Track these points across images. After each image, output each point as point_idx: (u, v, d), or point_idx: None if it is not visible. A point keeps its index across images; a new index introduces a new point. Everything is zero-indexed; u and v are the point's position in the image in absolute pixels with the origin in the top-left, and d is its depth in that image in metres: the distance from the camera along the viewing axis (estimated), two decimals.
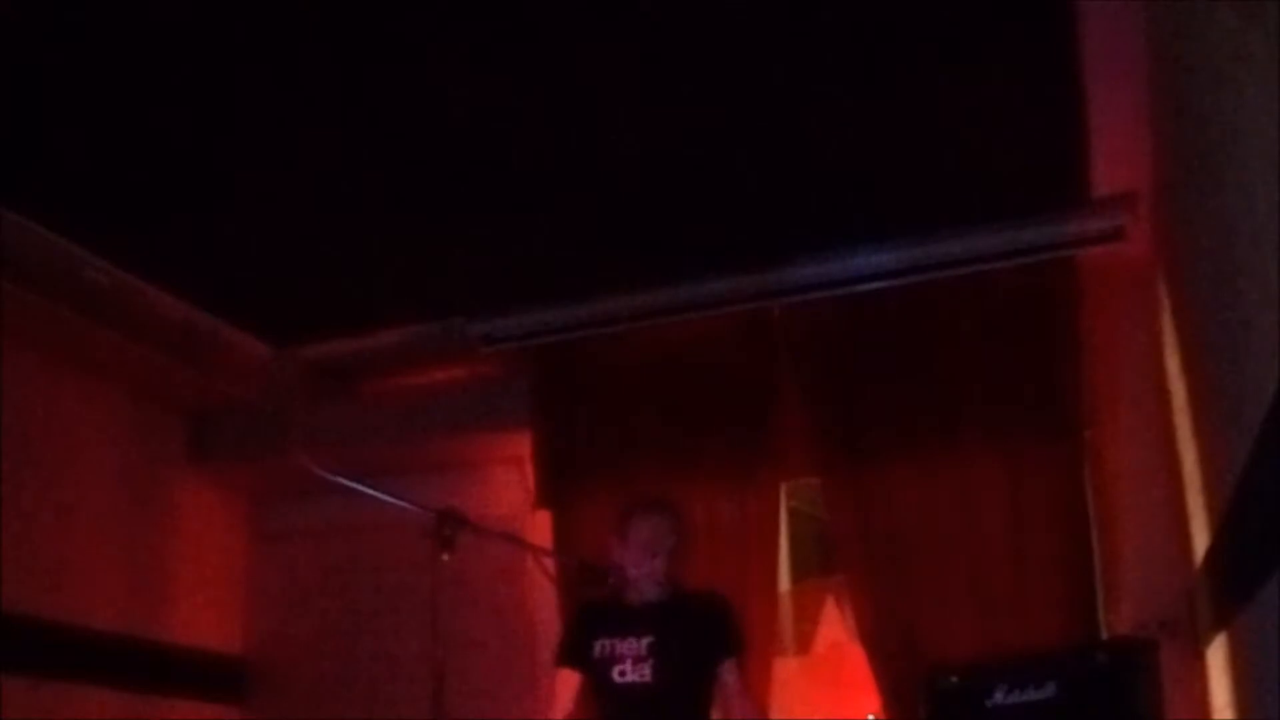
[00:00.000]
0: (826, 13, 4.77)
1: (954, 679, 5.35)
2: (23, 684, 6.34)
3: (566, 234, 6.30)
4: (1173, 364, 5.73)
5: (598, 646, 5.47)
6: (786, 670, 7.08)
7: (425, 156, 5.61)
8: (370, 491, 5.26)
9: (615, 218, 6.15)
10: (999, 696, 5.15)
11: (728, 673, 5.44)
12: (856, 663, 6.64)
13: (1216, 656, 5.13)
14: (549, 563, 6.65)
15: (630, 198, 5.98)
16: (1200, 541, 5.18)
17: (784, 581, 7.15)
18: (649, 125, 5.47)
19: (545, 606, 7.23)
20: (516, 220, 6.14)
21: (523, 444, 7.42)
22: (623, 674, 5.37)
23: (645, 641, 5.38)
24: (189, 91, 5.05)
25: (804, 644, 7.47)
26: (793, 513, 7.20)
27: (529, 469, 7.43)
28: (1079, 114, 5.39)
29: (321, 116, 5.30)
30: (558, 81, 5.16)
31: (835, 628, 7.40)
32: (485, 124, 5.40)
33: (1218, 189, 3.64)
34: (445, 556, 4.95)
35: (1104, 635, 6.16)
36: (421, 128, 5.42)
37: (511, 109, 5.31)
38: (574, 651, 5.60)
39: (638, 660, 5.36)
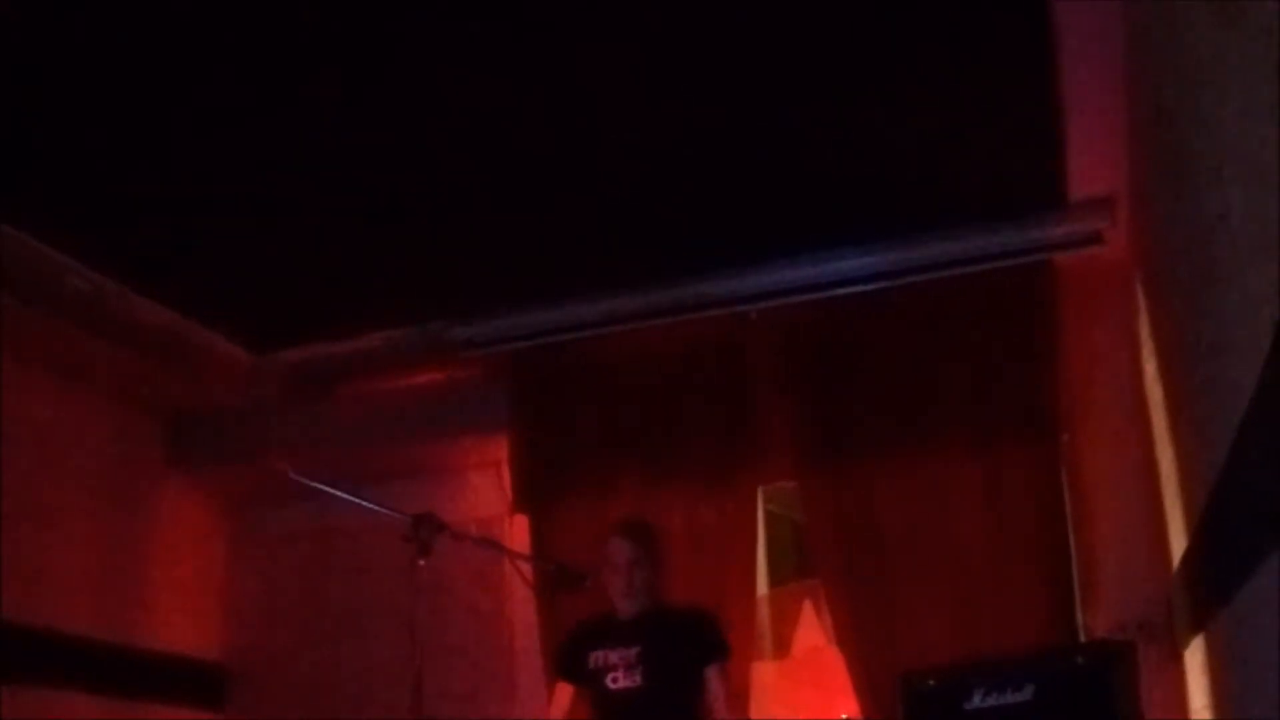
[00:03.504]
0: (802, 19, 4.79)
1: (931, 682, 5.35)
2: (0, 690, 6.32)
3: (545, 238, 6.30)
4: (1150, 367, 5.74)
5: (592, 658, 5.74)
6: (765, 674, 7.09)
7: (406, 162, 5.60)
8: (348, 496, 5.29)
9: (593, 223, 6.16)
10: (977, 699, 5.15)
11: (713, 679, 5.68)
12: (834, 666, 6.65)
13: (1195, 658, 5.14)
14: (526, 567, 6.66)
15: (608, 202, 5.99)
16: (1178, 544, 5.20)
17: (762, 585, 7.14)
18: (628, 131, 5.48)
19: (523, 611, 7.24)
20: (495, 224, 6.15)
21: (501, 448, 7.42)
22: (615, 680, 5.65)
23: (635, 650, 5.65)
24: (170, 97, 5.04)
25: (782, 647, 7.47)
26: (770, 516, 7.21)
27: (507, 473, 7.42)
28: (1056, 118, 5.41)
29: (302, 122, 5.29)
30: (541, 86, 5.16)
31: (813, 631, 7.40)
32: (465, 129, 5.40)
33: (1195, 193, 3.65)
34: (422, 561, 5.00)
35: (1082, 638, 6.18)
36: (402, 134, 5.41)
37: (491, 114, 5.31)
38: (569, 665, 5.91)
39: (629, 668, 5.64)
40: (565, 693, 5.88)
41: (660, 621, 5.76)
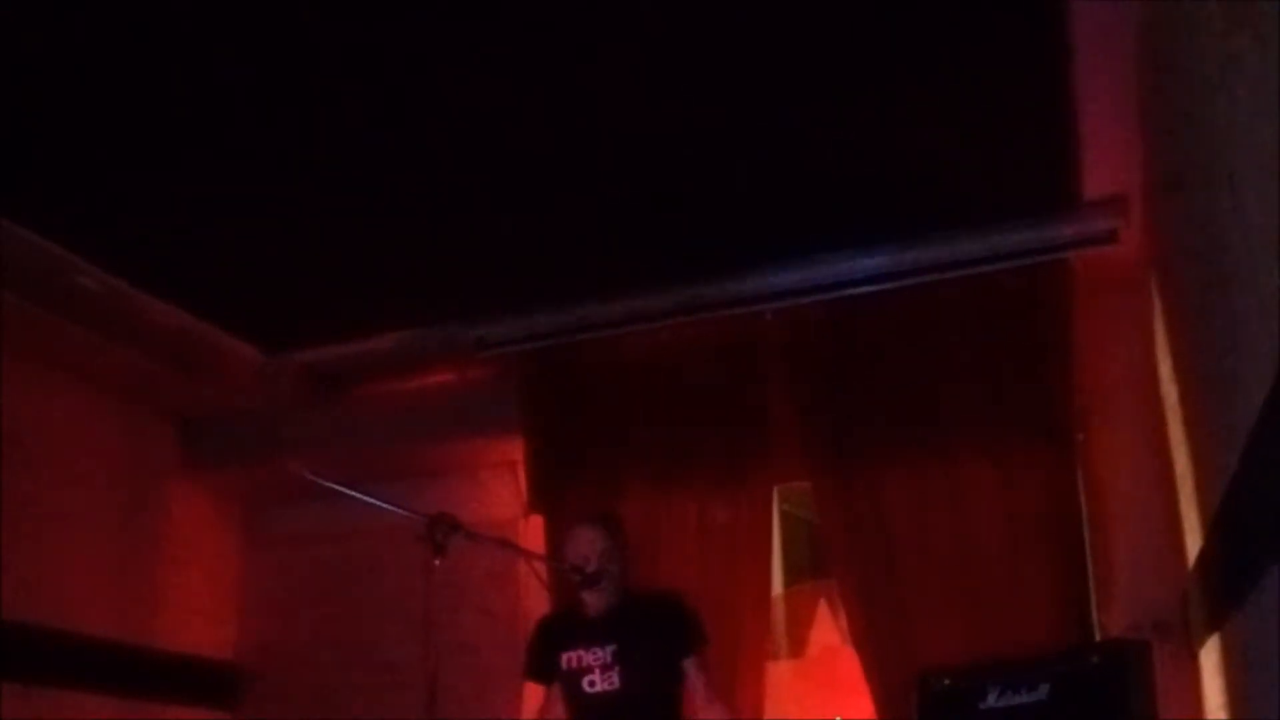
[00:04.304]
0: (816, 16, 4.77)
1: (947, 681, 5.36)
2: (16, 690, 6.33)
3: (559, 238, 6.29)
4: (1164, 366, 5.73)
5: (565, 659, 5.64)
6: (779, 674, 7.07)
7: (418, 161, 5.60)
8: (362, 497, 5.27)
9: (608, 222, 6.15)
10: (992, 699, 5.15)
11: (691, 671, 5.57)
12: (849, 666, 6.62)
13: (1210, 658, 5.13)
14: (541, 567, 6.64)
15: (623, 202, 5.97)
16: (1193, 543, 5.18)
17: (776, 585, 7.13)
18: (642, 130, 5.46)
19: (538, 611, 7.20)
20: (509, 225, 6.14)
21: (515, 449, 7.41)
22: (592, 684, 5.54)
23: (609, 649, 5.54)
24: (180, 96, 5.04)
25: (797, 648, 7.46)
26: (785, 516, 7.19)
27: (521, 473, 7.41)
28: (1070, 117, 5.39)
29: (313, 121, 5.29)
30: (554, 84, 5.15)
31: (828, 631, 7.39)
32: (477, 128, 5.39)
33: (1209, 192, 3.64)
34: (437, 561, 4.98)
35: (1097, 637, 6.16)
36: (414, 132, 5.41)
37: (505, 112, 5.30)
38: (540, 666, 5.80)
39: (605, 669, 5.53)
40: (536, 694, 5.80)
41: (632, 615, 5.64)
